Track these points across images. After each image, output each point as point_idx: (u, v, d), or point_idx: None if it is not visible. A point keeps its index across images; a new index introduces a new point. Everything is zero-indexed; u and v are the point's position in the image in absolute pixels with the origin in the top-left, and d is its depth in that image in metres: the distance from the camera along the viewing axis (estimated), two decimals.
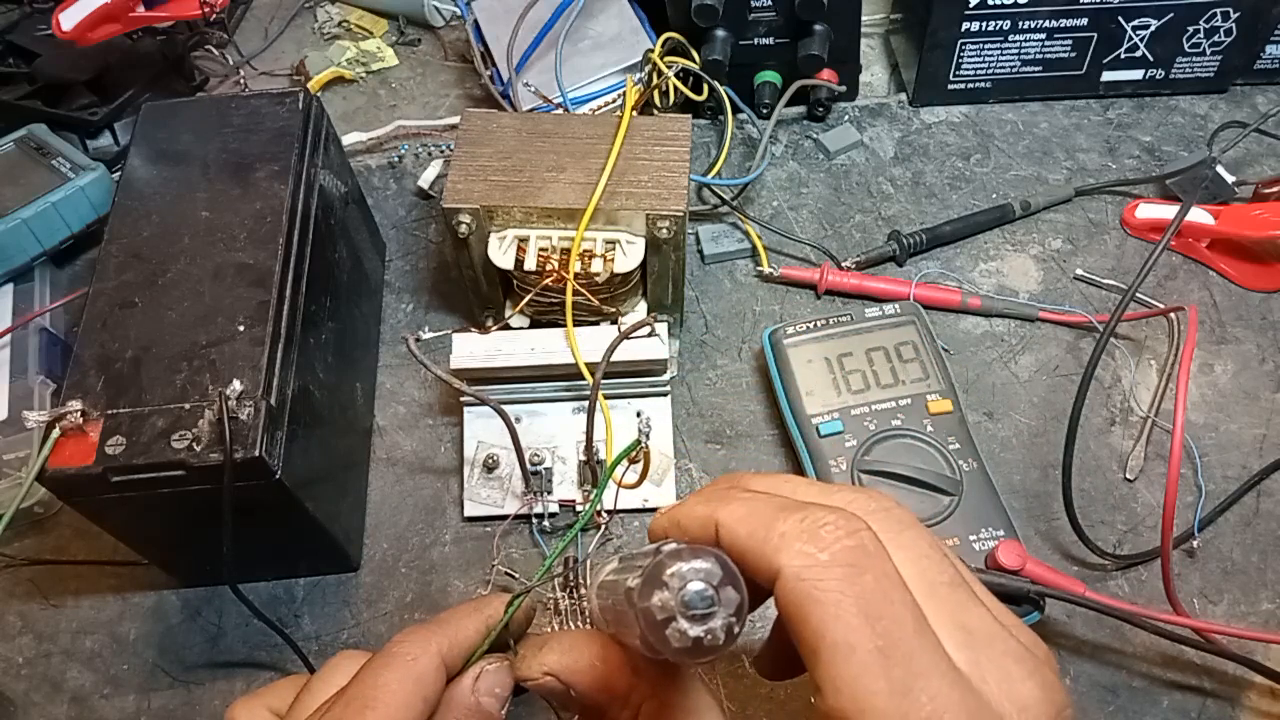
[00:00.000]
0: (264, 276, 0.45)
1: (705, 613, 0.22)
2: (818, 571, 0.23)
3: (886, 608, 0.23)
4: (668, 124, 0.53)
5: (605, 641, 0.29)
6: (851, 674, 0.22)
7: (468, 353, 0.50)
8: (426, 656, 0.37)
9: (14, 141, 0.62)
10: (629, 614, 0.23)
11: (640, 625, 0.22)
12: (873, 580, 0.23)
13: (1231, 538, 0.49)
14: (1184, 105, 0.67)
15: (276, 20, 0.78)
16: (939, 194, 0.64)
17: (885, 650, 0.22)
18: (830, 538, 0.23)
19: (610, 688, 0.27)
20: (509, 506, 0.51)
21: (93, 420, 0.40)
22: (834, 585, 0.23)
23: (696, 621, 0.21)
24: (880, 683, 0.22)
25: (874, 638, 0.22)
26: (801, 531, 0.24)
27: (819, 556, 0.23)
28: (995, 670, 0.24)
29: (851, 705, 0.22)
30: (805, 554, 0.23)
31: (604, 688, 0.27)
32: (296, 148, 0.49)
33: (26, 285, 0.59)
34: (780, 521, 0.24)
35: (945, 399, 0.50)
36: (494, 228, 0.51)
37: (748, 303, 0.60)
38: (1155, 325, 0.57)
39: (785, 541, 0.24)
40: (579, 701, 0.28)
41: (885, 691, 0.22)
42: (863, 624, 0.22)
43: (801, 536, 0.24)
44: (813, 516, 0.24)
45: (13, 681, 0.48)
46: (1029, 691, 0.24)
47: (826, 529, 0.24)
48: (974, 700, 0.23)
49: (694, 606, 0.21)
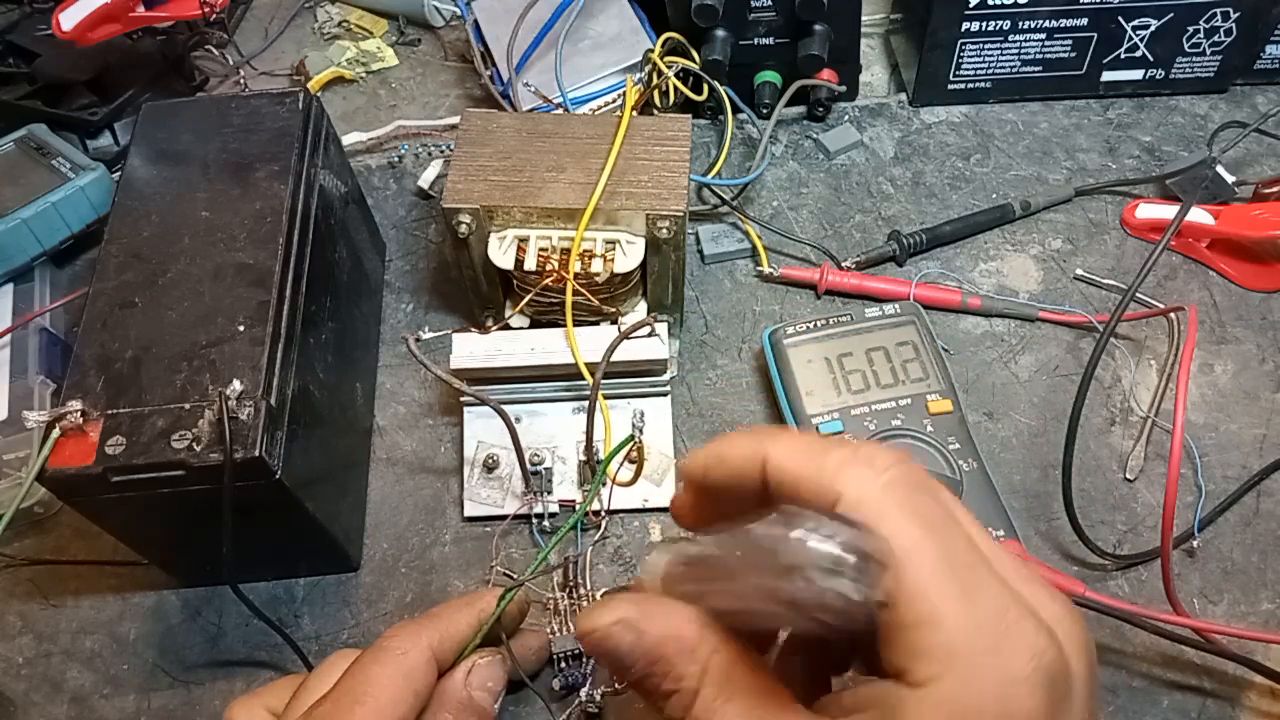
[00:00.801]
0: (264, 276, 0.45)
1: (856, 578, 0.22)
2: (879, 492, 0.24)
3: (946, 523, 0.25)
4: (668, 124, 0.53)
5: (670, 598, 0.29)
6: (923, 579, 0.23)
7: (468, 353, 0.50)
8: (417, 651, 0.37)
9: (14, 141, 0.62)
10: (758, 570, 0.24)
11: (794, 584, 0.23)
12: (930, 500, 0.25)
13: (1231, 538, 0.49)
14: (1184, 105, 0.67)
15: (276, 20, 0.78)
16: (939, 194, 0.64)
17: (951, 558, 0.24)
18: (884, 463, 0.25)
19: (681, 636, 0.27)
20: (509, 506, 0.51)
21: (93, 420, 0.40)
22: (896, 503, 0.24)
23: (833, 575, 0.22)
24: (950, 584, 0.23)
25: (940, 547, 0.24)
26: (858, 458, 0.25)
27: (878, 479, 0.24)
28: (1025, 590, 0.25)
29: (924, 606, 0.23)
30: (864, 477, 0.25)
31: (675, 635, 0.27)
32: (296, 148, 0.50)
33: (26, 285, 0.59)
34: (834, 451, 0.25)
35: (945, 399, 0.50)
36: (494, 228, 0.51)
37: (748, 303, 0.60)
38: (1155, 325, 0.57)
39: (842, 468, 0.25)
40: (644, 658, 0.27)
41: (955, 592, 0.23)
42: (928, 535, 0.24)
43: (858, 463, 0.25)
44: (866, 447, 0.26)
45: (13, 681, 0.48)
46: (1057, 609, 0.25)
47: (881, 456, 0.25)
48: (1025, 602, 0.24)
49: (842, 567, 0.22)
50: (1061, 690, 0.23)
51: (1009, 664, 0.23)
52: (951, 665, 0.23)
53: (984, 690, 0.23)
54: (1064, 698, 0.23)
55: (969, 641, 0.23)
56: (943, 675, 0.23)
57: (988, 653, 0.23)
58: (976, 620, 0.23)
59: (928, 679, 0.23)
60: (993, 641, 0.23)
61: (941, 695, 0.23)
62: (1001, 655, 0.23)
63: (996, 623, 0.23)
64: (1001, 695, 0.23)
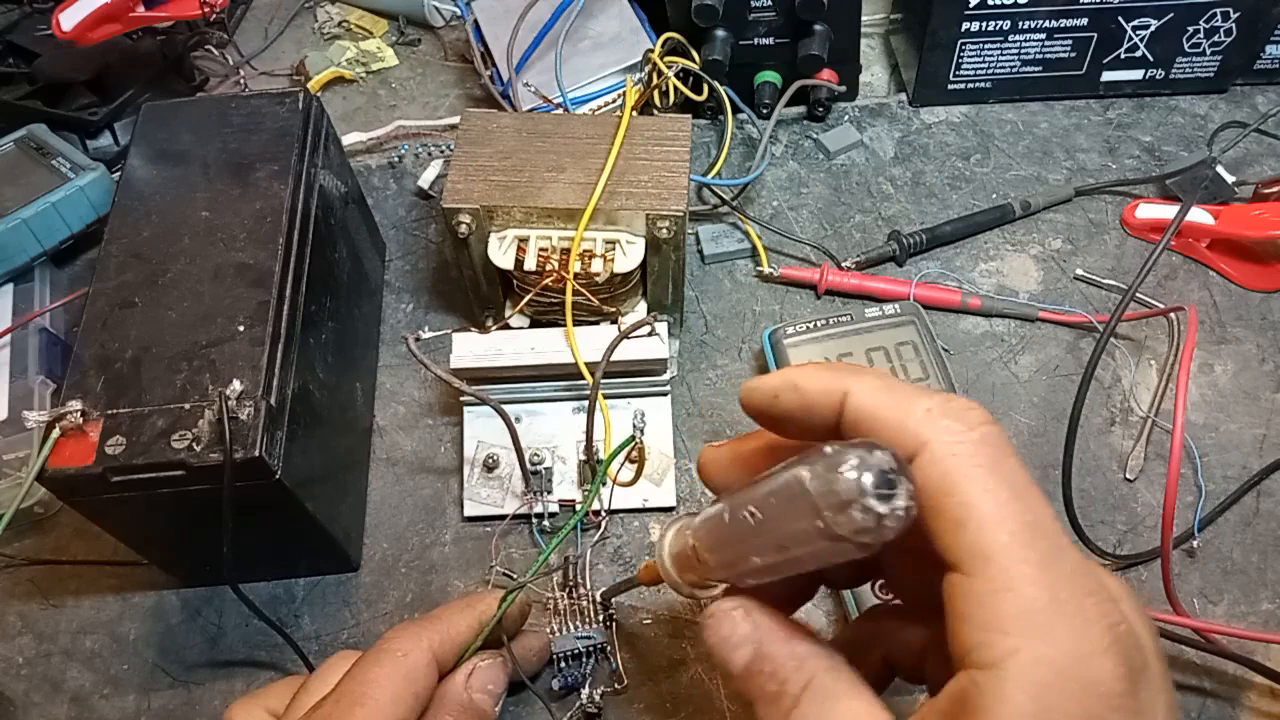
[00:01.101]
0: (264, 276, 0.45)
1: (890, 494, 0.22)
2: (969, 448, 0.24)
3: (1030, 489, 0.24)
4: (668, 124, 0.53)
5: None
6: (1004, 543, 0.23)
7: (468, 352, 0.50)
8: (417, 652, 0.37)
9: (14, 141, 0.62)
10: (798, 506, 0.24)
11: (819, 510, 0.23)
12: (1016, 464, 0.24)
13: (1231, 538, 0.49)
14: (1184, 105, 0.67)
15: (276, 20, 0.79)
16: (939, 194, 0.64)
17: (1034, 525, 0.23)
18: (977, 419, 0.24)
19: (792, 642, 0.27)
20: (509, 506, 0.51)
21: (93, 420, 0.40)
22: (984, 461, 0.24)
23: (883, 500, 0.22)
24: (1032, 552, 0.23)
25: (1025, 512, 0.23)
26: (949, 410, 0.24)
27: (970, 435, 0.24)
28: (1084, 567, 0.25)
29: (1002, 573, 0.23)
30: (955, 430, 0.24)
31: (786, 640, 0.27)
32: (296, 148, 0.49)
33: (26, 285, 0.59)
34: (924, 398, 0.25)
35: None
36: (494, 228, 0.51)
37: (748, 303, 0.60)
38: (1155, 325, 0.57)
39: (932, 417, 0.24)
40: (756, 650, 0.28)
41: (1036, 559, 0.23)
42: (1014, 499, 0.23)
43: (949, 414, 0.24)
44: (957, 400, 0.25)
45: (13, 681, 0.48)
46: (1116, 584, 0.25)
47: (973, 412, 0.25)
48: (1100, 577, 0.24)
49: (880, 486, 0.22)
50: (1139, 661, 0.23)
51: (1088, 635, 0.22)
52: (1029, 636, 0.22)
53: (1065, 663, 0.22)
54: (1142, 668, 0.23)
55: (1047, 611, 0.22)
56: (1021, 649, 0.22)
57: (1066, 624, 0.22)
58: (1054, 590, 0.23)
59: (1006, 654, 0.22)
60: (1072, 612, 0.22)
61: (1021, 671, 0.22)
62: (1080, 627, 0.22)
63: (1075, 593, 0.23)
64: (1083, 668, 0.22)
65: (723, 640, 0.28)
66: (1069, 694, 0.22)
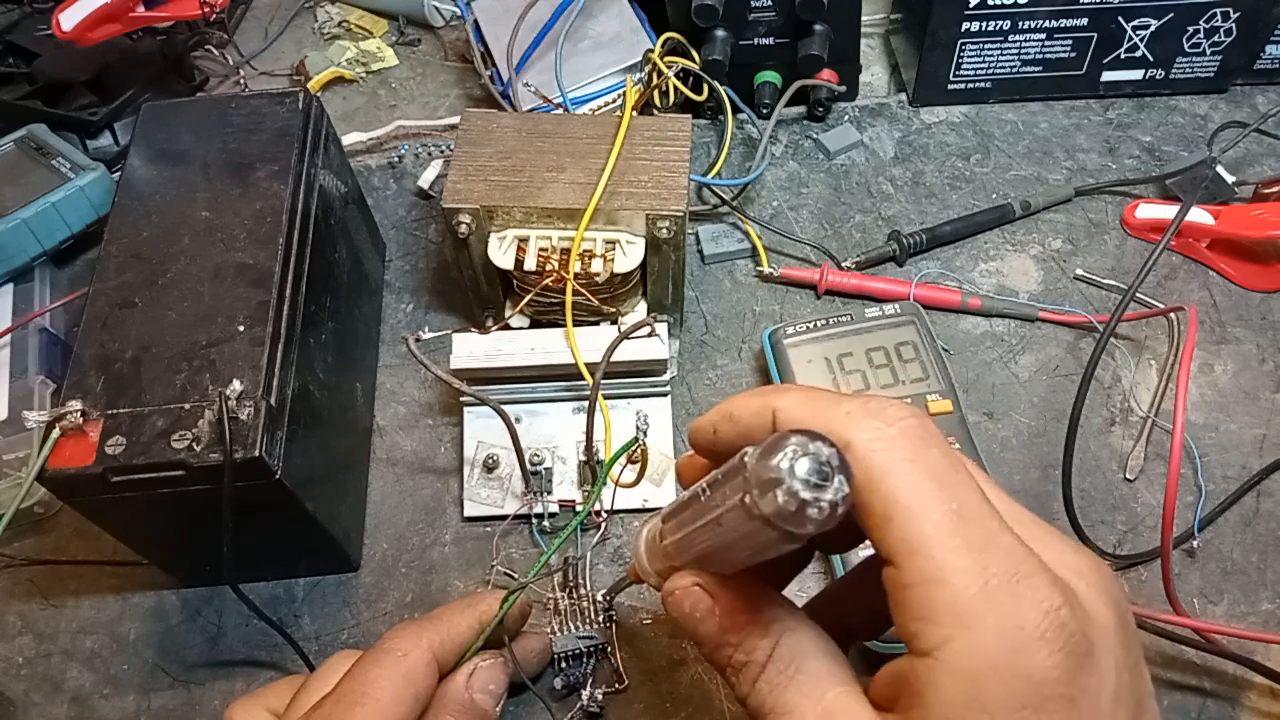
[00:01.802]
0: (264, 276, 0.45)
1: (819, 483, 0.22)
2: (888, 443, 0.24)
3: (955, 475, 0.24)
4: (668, 124, 0.53)
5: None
6: (929, 533, 0.23)
7: (468, 353, 0.50)
8: (417, 652, 0.37)
9: (14, 141, 0.62)
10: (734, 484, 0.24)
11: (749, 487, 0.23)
12: (940, 453, 0.24)
13: (1231, 538, 0.49)
14: (1184, 105, 0.67)
15: (276, 20, 0.79)
16: (939, 194, 0.64)
17: (959, 512, 0.23)
18: (896, 415, 0.25)
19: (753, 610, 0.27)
20: (509, 506, 0.51)
21: (93, 420, 0.40)
22: (904, 455, 0.24)
23: (809, 488, 0.22)
24: (957, 540, 0.23)
25: (948, 500, 0.23)
26: (868, 409, 0.25)
27: (887, 430, 0.24)
28: (1043, 546, 0.24)
29: (929, 564, 0.23)
30: (874, 428, 0.24)
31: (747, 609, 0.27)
32: (296, 148, 0.49)
33: (26, 285, 0.59)
34: (844, 402, 0.25)
35: (945, 399, 0.50)
36: (494, 228, 0.51)
37: (748, 303, 0.60)
38: (1155, 325, 0.57)
39: (852, 419, 0.25)
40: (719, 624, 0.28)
41: (963, 548, 0.23)
42: (936, 488, 0.23)
43: (869, 413, 0.25)
44: (877, 400, 0.25)
45: (13, 681, 0.48)
46: (1081, 561, 0.25)
47: (892, 409, 0.25)
48: (1039, 558, 0.24)
49: (810, 476, 0.22)
50: (1081, 648, 0.23)
51: (1021, 623, 0.22)
52: (960, 626, 0.22)
53: (995, 652, 0.22)
54: (1085, 655, 0.23)
55: (977, 600, 0.22)
56: (952, 639, 0.22)
57: (997, 612, 0.22)
58: (985, 578, 0.22)
59: (938, 643, 0.23)
60: (1003, 599, 0.22)
61: (953, 661, 0.22)
62: (1012, 614, 0.22)
63: (1006, 579, 0.22)
64: (1015, 656, 0.22)
65: (685, 615, 0.29)
66: (1000, 682, 0.22)
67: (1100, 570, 0.25)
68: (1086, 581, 0.24)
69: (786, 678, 0.26)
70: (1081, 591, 0.24)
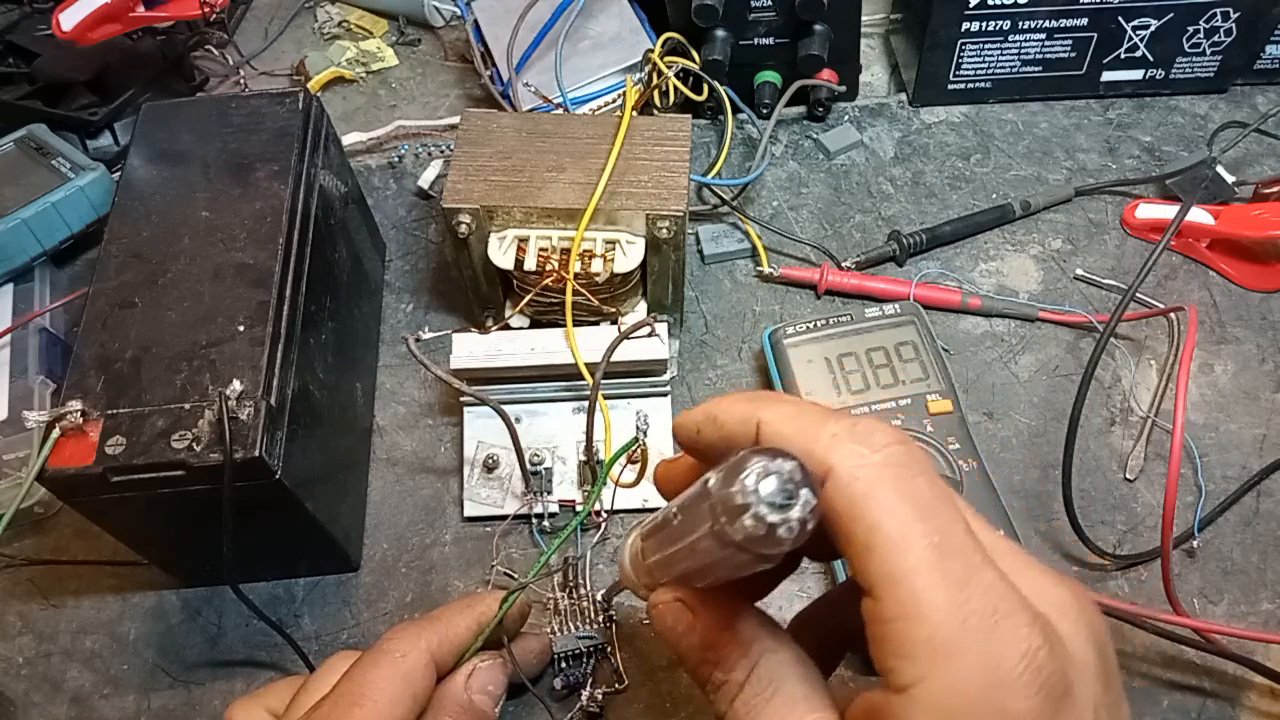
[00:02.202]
0: (264, 276, 0.45)
1: (784, 503, 0.22)
2: (872, 470, 0.23)
3: (939, 507, 0.23)
4: (668, 124, 0.53)
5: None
6: (909, 566, 0.22)
7: (468, 353, 0.50)
8: (416, 653, 0.37)
9: (14, 141, 0.62)
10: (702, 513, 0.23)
11: (716, 514, 0.22)
12: (925, 482, 0.24)
13: (1231, 538, 0.49)
14: (1184, 105, 0.67)
15: (276, 20, 0.79)
16: (939, 194, 0.64)
17: (941, 545, 0.23)
18: (882, 440, 0.24)
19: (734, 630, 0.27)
20: (509, 506, 0.51)
21: (93, 420, 0.40)
22: (889, 483, 0.23)
23: (775, 510, 0.22)
24: (937, 575, 0.22)
25: (930, 533, 0.23)
26: (854, 433, 0.24)
27: (872, 457, 0.24)
28: (1025, 580, 0.24)
29: (909, 598, 0.22)
30: (858, 453, 0.24)
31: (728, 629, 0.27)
32: (296, 148, 0.49)
33: (26, 285, 0.59)
34: (831, 423, 0.25)
35: (945, 399, 0.50)
36: (494, 228, 0.51)
37: (748, 303, 0.60)
38: (1155, 325, 0.57)
39: (837, 441, 0.24)
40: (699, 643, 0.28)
41: (942, 583, 0.22)
42: (918, 520, 0.23)
43: (854, 437, 0.24)
44: (865, 422, 0.25)
45: (13, 681, 0.48)
46: (1062, 596, 0.24)
47: (879, 434, 0.24)
48: (1021, 594, 0.23)
49: (774, 496, 0.22)
50: (1058, 689, 0.22)
51: (998, 663, 0.22)
52: (937, 664, 0.22)
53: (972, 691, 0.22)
54: (1063, 695, 0.22)
55: (955, 638, 0.22)
56: (928, 676, 0.22)
57: (975, 651, 0.22)
58: (964, 615, 0.22)
59: (914, 680, 0.22)
60: (981, 638, 0.22)
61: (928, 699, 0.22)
62: (990, 653, 0.22)
63: (985, 617, 0.22)
64: (991, 696, 0.22)
65: (668, 629, 0.28)
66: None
67: (1082, 605, 0.25)
68: (1068, 618, 0.24)
69: (764, 700, 0.26)
70: (1062, 628, 0.23)
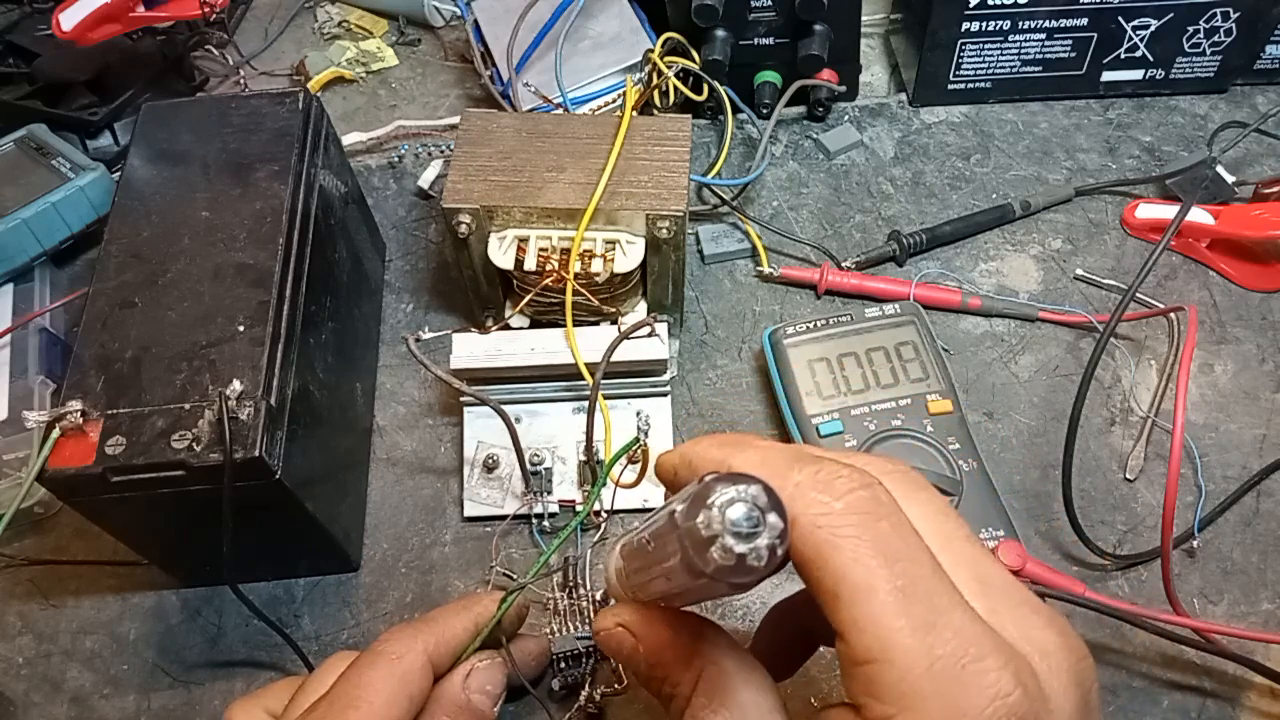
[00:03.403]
0: (264, 276, 0.45)
1: (750, 532, 0.22)
2: (834, 519, 0.23)
3: (904, 550, 0.23)
4: (668, 124, 0.53)
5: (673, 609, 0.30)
6: (874, 612, 0.23)
7: (468, 353, 0.50)
8: (412, 655, 0.37)
9: (14, 141, 0.62)
10: (671, 541, 0.23)
11: (685, 546, 0.22)
12: (889, 526, 0.24)
13: (1231, 538, 0.49)
14: (1184, 105, 0.67)
15: (276, 20, 0.79)
16: (939, 194, 0.64)
17: (905, 589, 0.23)
18: (844, 487, 0.24)
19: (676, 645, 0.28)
20: (509, 506, 0.51)
21: (93, 420, 0.40)
22: (851, 531, 0.23)
23: (742, 539, 0.21)
24: (902, 620, 0.22)
25: (893, 578, 0.23)
26: (816, 481, 0.24)
27: (834, 505, 0.24)
28: (1013, 616, 0.24)
29: (875, 643, 0.22)
30: (820, 502, 0.24)
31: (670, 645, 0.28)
32: (296, 148, 0.49)
33: (26, 285, 0.59)
34: (795, 471, 0.25)
35: (945, 399, 0.50)
36: (494, 228, 0.51)
37: (748, 303, 0.60)
38: (1155, 325, 0.57)
39: (800, 490, 0.24)
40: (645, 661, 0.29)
41: (908, 628, 0.22)
42: (881, 565, 0.23)
43: (816, 486, 0.24)
44: (827, 469, 0.25)
45: (13, 681, 0.48)
46: (1048, 638, 0.24)
47: (840, 480, 0.24)
48: (995, 636, 0.23)
49: (739, 525, 0.21)
50: None
51: (965, 707, 0.22)
52: (903, 707, 0.22)
53: None
54: None
55: (922, 682, 0.22)
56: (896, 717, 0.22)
57: (943, 694, 0.22)
58: (930, 660, 0.22)
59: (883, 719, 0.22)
60: (948, 682, 0.22)
61: None
62: (957, 698, 0.22)
63: (953, 662, 0.22)
64: None
65: (613, 654, 0.29)
66: None
67: (1068, 648, 0.24)
68: (1051, 661, 0.24)
69: (711, 711, 0.26)
70: (1043, 672, 0.23)
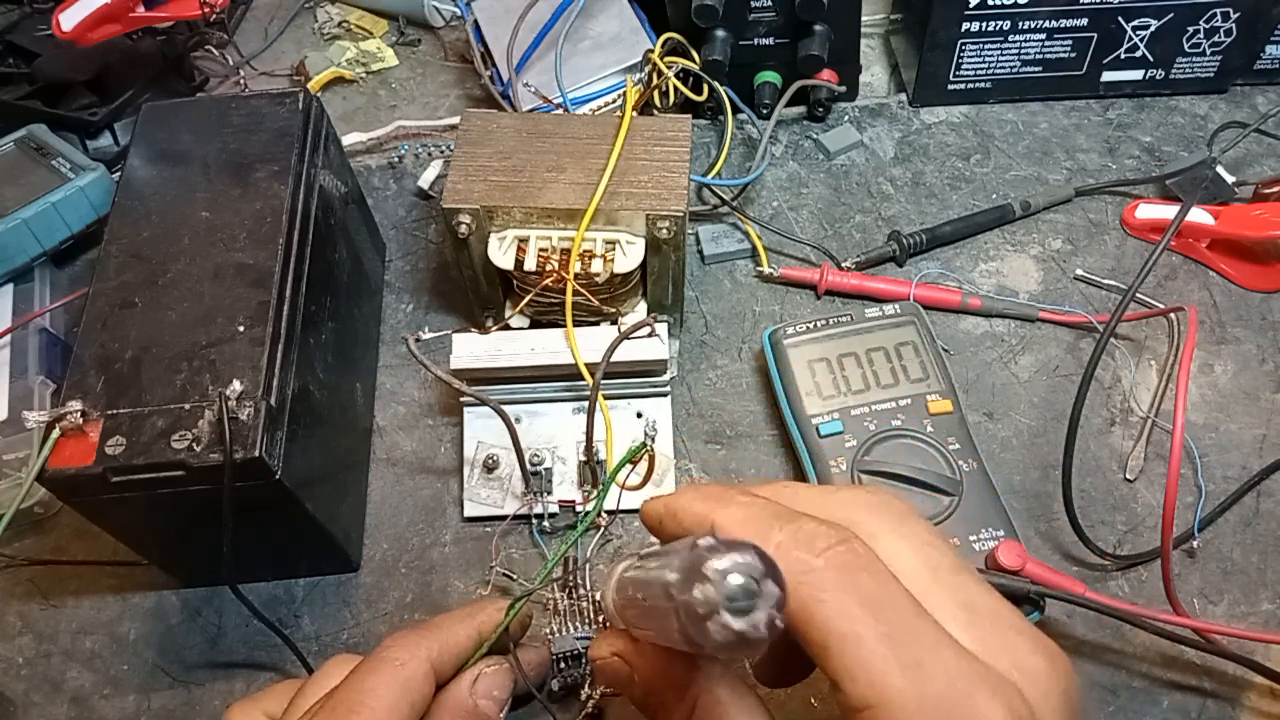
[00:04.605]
0: (264, 276, 0.45)
1: (747, 606, 0.21)
2: (815, 576, 0.24)
3: (885, 598, 0.24)
4: (668, 124, 0.53)
5: None
6: (863, 660, 0.23)
7: (468, 353, 0.50)
8: (415, 661, 0.37)
9: (14, 141, 0.62)
10: (666, 609, 0.23)
11: (681, 620, 0.22)
12: (868, 577, 0.25)
13: (1231, 538, 0.49)
14: (1184, 105, 0.67)
15: (276, 20, 0.79)
16: (939, 194, 0.64)
17: (891, 634, 0.24)
18: (823, 544, 0.25)
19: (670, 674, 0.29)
20: (509, 507, 0.51)
21: (93, 420, 0.40)
22: (832, 585, 0.24)
23: (739, 615, 0.21)
24: (891, 664, 0.23)
25: (878, 625, 0.24)
26: (797, 541, 0.25)
27: (814, 562, 0.25)
28: (1001, 644, 0.25)
29: (869, 690, 0.23)
30: (801, 560, 0.25)
31: (664, 674, 0.29)
32: (296, 148, 0.49)
33: (26, 285, 0.59)
34: (775, 531, 0.26)
35: (945, 399, 0.50)
36: (494, 228, 0.51)
37: (748, 303, 0.60)
38: (1155, 325, 0.57)
39: (783, 550, 0.25)
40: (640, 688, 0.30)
41: (898, 669, 0.23)
42: (865, 614, 0.24)
43: (798, 545, 0.25)
44: (805, 528, 0.26)
45: (13, 681, 0.48)
46: (1037, 664, 0.25)
47: (819, 538, 0.25)
48: (984, 669, 0.24)
49: (736, 600, 0.21)
50: None
51: None
52: None
53: None
54: None
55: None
56: None
57: None
58: (920, 700, 0.23)
59: None
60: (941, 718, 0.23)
61: None
62: None
63: (945, 698, 0.23)
64: None
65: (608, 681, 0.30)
66: None
67: (1056, 675, 0.25)
68: (1040, 687, 0.24)
69: None
70: (1035, 698, 0.24)
